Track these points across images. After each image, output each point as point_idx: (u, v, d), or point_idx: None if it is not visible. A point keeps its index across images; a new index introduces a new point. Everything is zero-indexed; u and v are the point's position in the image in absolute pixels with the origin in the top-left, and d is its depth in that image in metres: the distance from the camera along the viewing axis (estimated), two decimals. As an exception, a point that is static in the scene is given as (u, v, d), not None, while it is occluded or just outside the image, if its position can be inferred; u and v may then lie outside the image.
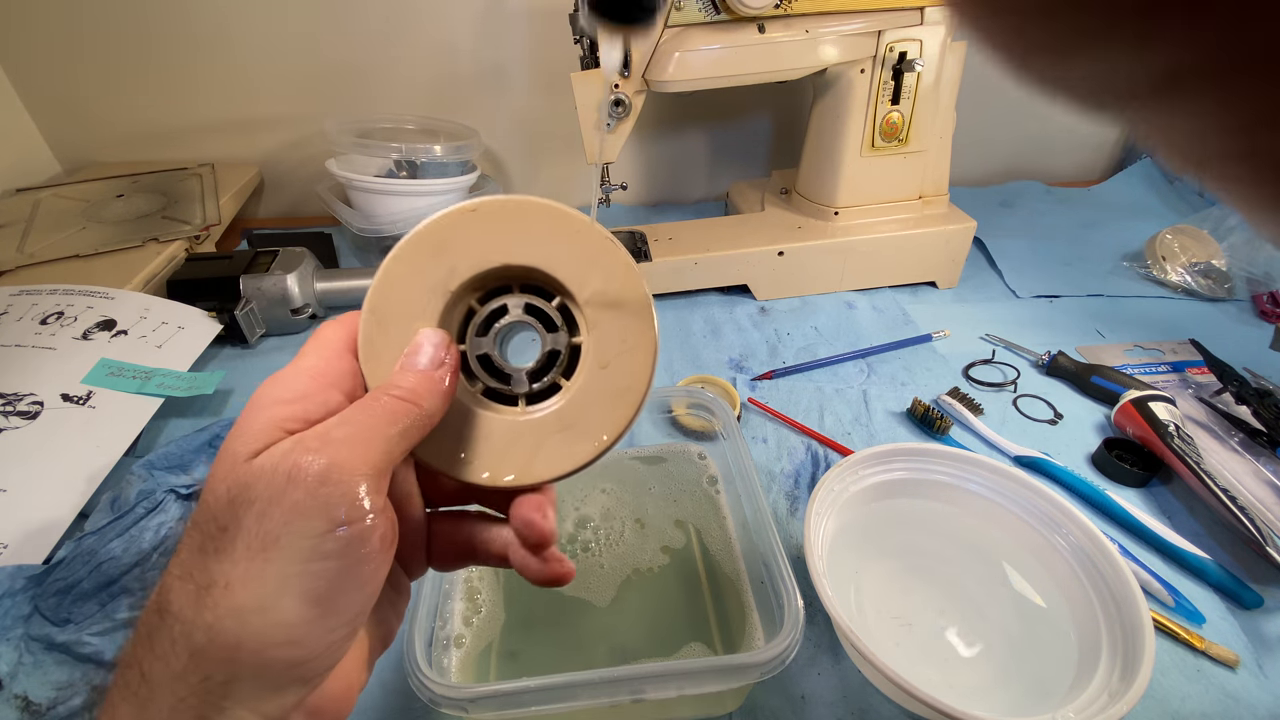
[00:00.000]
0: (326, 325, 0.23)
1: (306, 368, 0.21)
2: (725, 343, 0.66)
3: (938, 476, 0.44)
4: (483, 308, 0.24)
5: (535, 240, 0.23)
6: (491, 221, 0.23)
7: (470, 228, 0.23)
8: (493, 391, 0.24)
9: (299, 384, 0.21)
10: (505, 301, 0.24)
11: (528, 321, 0.24)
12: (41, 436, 0.49)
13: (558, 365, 0.24)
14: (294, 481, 0.18)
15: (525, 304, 0.24)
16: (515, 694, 0.29)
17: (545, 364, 0.24)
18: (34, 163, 0.86)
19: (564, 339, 0.24)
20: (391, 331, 0.23)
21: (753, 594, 0.39)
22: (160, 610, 0.18)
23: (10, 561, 0.41)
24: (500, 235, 0.23)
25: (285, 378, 0.21)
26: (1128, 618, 0.35)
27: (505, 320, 0.24)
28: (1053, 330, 0.67)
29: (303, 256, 0.67)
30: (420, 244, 0.23)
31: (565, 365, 0.24)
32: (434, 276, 0.23)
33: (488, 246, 0.23)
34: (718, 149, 0.94)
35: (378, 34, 0.81)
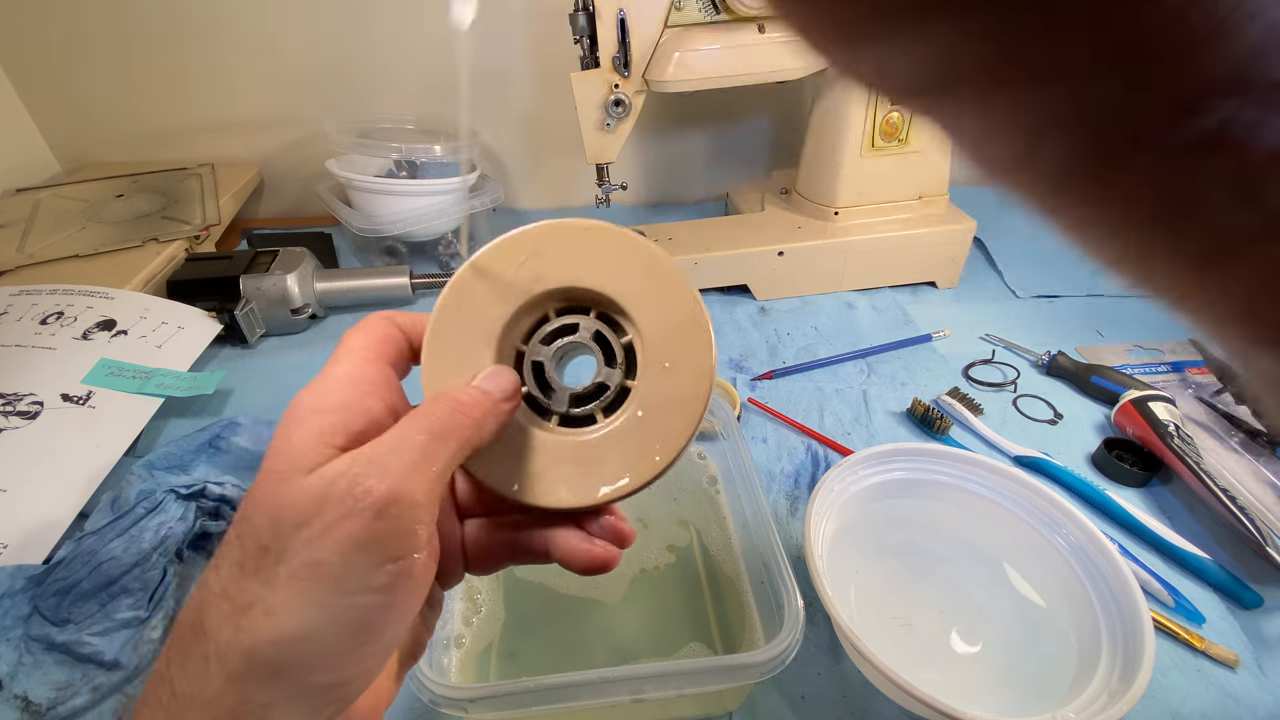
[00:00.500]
0: (351, 334, 0.22)
1: (342, 375, 0.21)
2: (725, 343, 0.66)
3: (938, 476, 0.44)
4: (556, 319, 0.24)
5: (629, 278, 0.24)
6: (596, 245, 0.24)
7: (574, 244, 0.24)
8: (530, 399, 0.24)
9: (338, 393, 0.20)
10: (579, 320, 0.24)
11: (590, 348, 0.24)
12: (41, 436, 0.49)
13: (601, 399, 0.24)
14: (350, 513, 0.17)
15: (596, 331, 0.24)
16: (515, 694, 0.29)
17: (591, 393, 0.24)
18: (34, 163, 0.86)
19: (617, 378, 0.24)
20: (467, 315, 0.23)
21: (753, 594, 0.39)
22: (195, 627, 0.17)
23: (10, 561, 0.42)
24: (599, 260, 0.24)
25: (322, 387, 0.20)
26: (1128, 618, 0.35)
27: (570, 339, 0.24)
28: (1053, 330, 0.67)
29: (303, 256, 0.67)
30: (523, 242, 0.24)
31: (609, 403, 0.24)
32: (523, 274, 0.24)
33: (583, 266, 0.24)
34: (718, 149, 0.94)
35: (378, 34, 0.81)
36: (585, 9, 0.57)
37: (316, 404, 0.19)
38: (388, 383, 0.22)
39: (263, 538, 0.17)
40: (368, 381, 0.21)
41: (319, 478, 0.18)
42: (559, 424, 0.24)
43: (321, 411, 0.19)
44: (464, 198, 0.77)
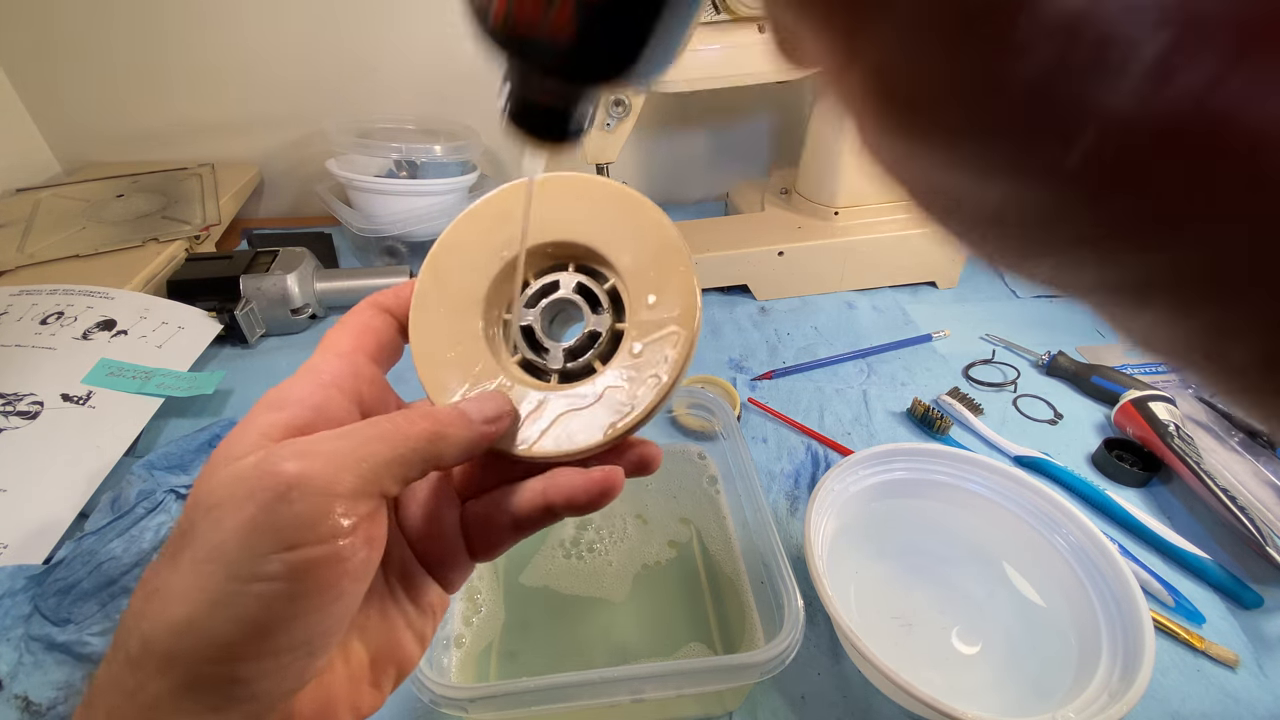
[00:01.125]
0: (331, 330, 0.22)
1: (306, 372, 0.20)
2: (725, 343, 0.66)
3: (938, 476, 0.44)
4: (536, 281, 0.24)
5: (596, 221, 0.23)
6: (559, 197, 0.23)
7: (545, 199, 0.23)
8: (528, 364, 0.24)
9: (295, 389, 0.19)
10: (558, 277, 0.24)
11: (574, 300, 0.24)
12: (41, 436, 0.49)
13: (596, 347, 0.24)
14: (252, 495, 0.16)
15: (577, 283, 0.24)
16: (515, 694, 0.29)
17: (585, 344, 0.24)
18: (34, 163, 0.86)
19: (607, 321, 0.24)
20: (446, 289, 0.23)
21: (753, 594, 0.39)
22: (124, 614, 0.17)
23: (10, 561, 0.41)
24: (565, 211, 0.23)
25: (285, 383, 0.20)
26: (1128, 618, 0.35)
27: (554, 296, 0.24)
28: (1053, 330, 0.67)
29: (303, 256, 0.67)
30: (487, 209, 0.24)
31: (605, 349, 0.24)
32: (496, 240, 0.24)
33: (550, 221, 0.23)
34: (718, 149, 0.94)
35: (378, 34, 0.81)
36: (585, 9, 0.57)
37: (269, 400, 0.19)
38: (358, 375, 0.21)
39: (183, 524, 0.17)
40: (332, 373, 0.20)
41: (240, 463, 0.17)
42: (560, 381, 0.24)
43: (270, 408, 0.19)
44: (464, 198, 0.77)
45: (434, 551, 0.23)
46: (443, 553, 0.23)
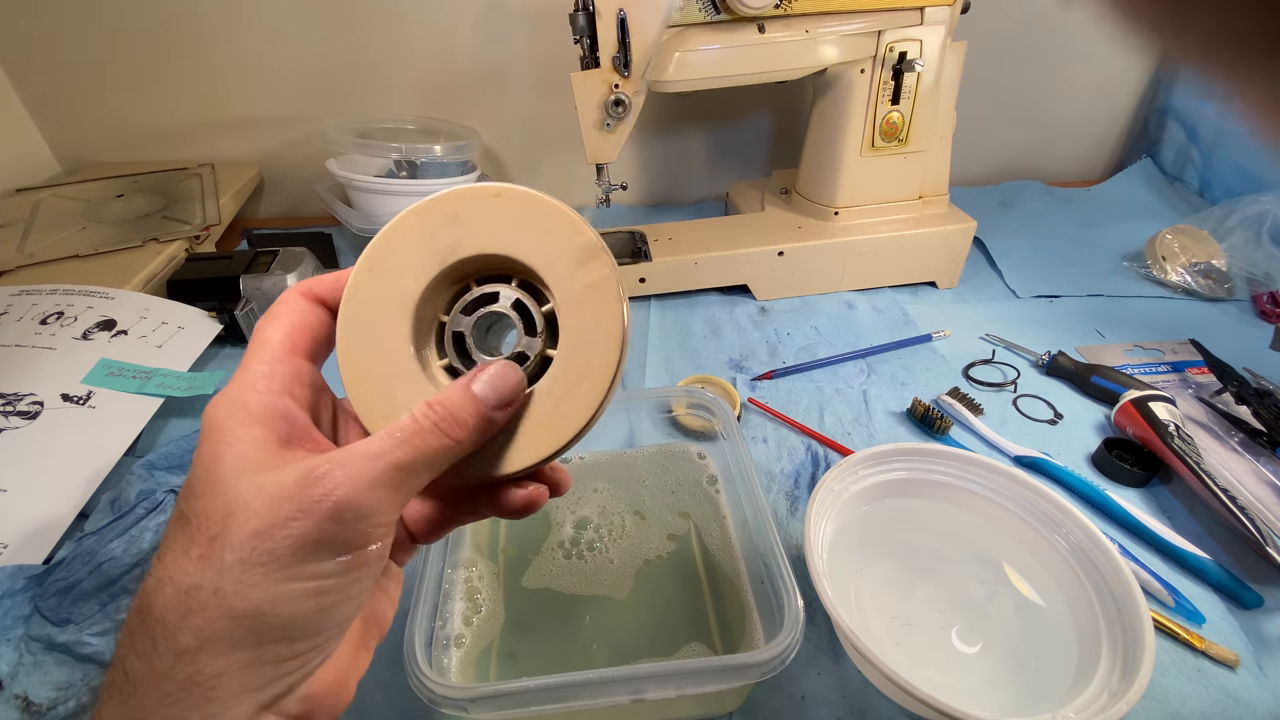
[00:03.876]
0: (264, 324, 0.23)
1: (257, 380, 0.21)
2: (725, 343, 0.66)
3: (938, 476, 0.44)
4: (477, 288, 0.24)
5: (543, 245, 0.23)
6: (510, 211, 0.23)
7: (489, 209, 0.23)
8: (453, 370, 0.24)
9: (256, 400, 0.21)
10: (500, 289, 0.24)
11: (510, 317, 0.24)
12: (41, 436, 0.49)
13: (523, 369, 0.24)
14: (304, 513, 0.18)
15: (516, 300, 0.24)
16: (515, 694, 0.29)
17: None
18: (34, 163, 0.86)
19: (538, 346, 0.24)
20: (383, 283, 0.23)
21: (753, 594, 0.39)
22: (141, 612, 0.19)
23: (10, 561, 0.41)
24: (514, 227, 0.23)
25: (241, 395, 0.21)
26: (1128, 618, 0.35)
27: (491, 308, 0.24)
28: (1053, 330, 0.67)
29: (303, 256, 0.67)
30: (436, 208, 0.23)
31: (532, 371, 0.24)
32: (439, 242, 0.23)
33: (499, 233, 0.23)
34: (718, 149, 0.94)
35: (378, 34, 0.81)
36: (585, 9, 0.57)
37: (235, 414, 0.20)
38: (299, 378, 0.22)
39: (213, 529, 0.18)
40: (280, 381, 0.21)
41: (276, 480, 0.19)
42: None
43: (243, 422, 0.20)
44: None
45: None
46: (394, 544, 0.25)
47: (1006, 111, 0.94)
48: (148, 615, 0.18)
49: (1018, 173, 0.98)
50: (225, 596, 0.18)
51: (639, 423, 0.51)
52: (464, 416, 0.21)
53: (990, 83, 0.89)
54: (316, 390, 0.23)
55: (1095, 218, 0.87)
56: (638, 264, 0.69)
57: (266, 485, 0.19)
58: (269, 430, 0.20)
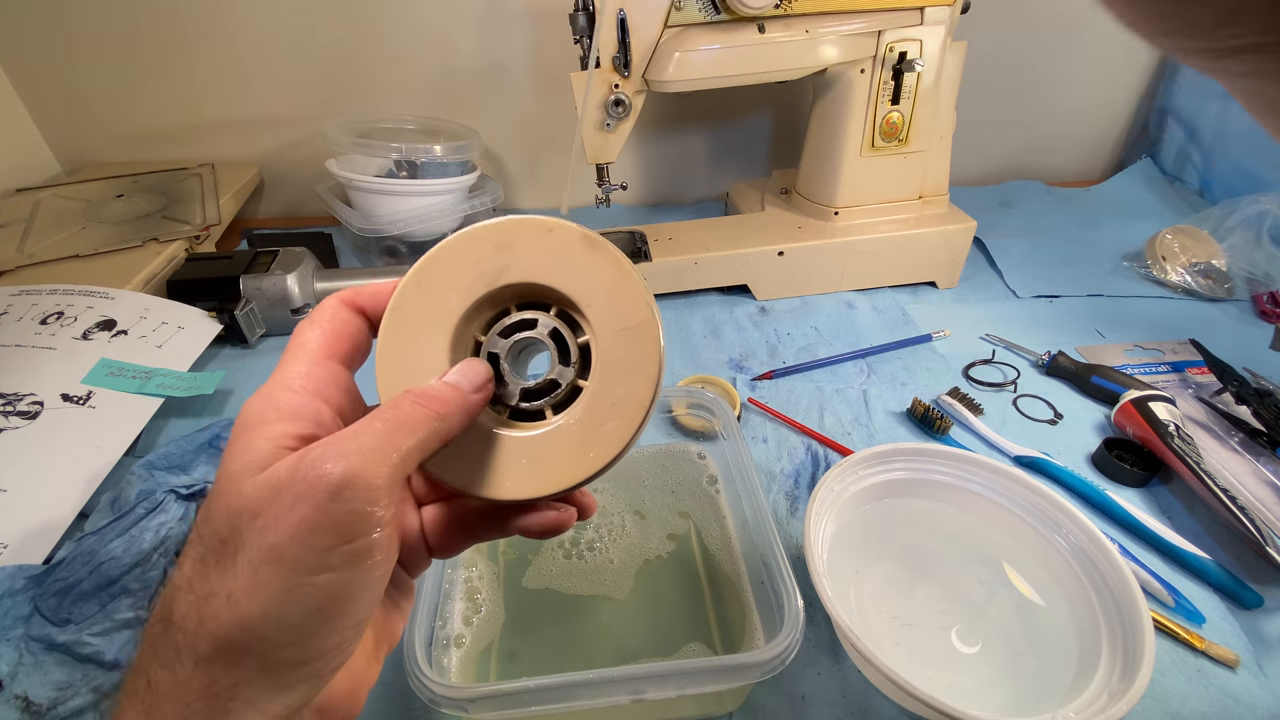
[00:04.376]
0: (303, 328, 0.23)
1: (293, 380, 0.21)
2: (725, 343, 0.66)
3: (938, 476, 0.44)
4: (516, 313, 0.25)
5: (590, 282, 0.24)
6: (560, 246, 0.24)
7: (540, 241, 0.24)
8: None
9: (288, 399, 0.21)
10: (538, 316, 0.25)
11: (546, 345, 0.24)
12: (41, 436, 0.49)
13: (551, 396, 0.24)
14: (302, 498, 0.18)
15: (553, 328, 0.24)
16: (515, 694, 0.29)
17: (542, 390, 0.24)
18: (34, 163, 0.86)
19: (569, 376, 0.24)
20: (429, 299, 0.24)
21: (753, 594, 0.39)
22: (164, 620, 0.18)
23: (10, 561, 0.41)
24: (562, 260, 0.24)
25: (271, 393, 0.21)
26: (1128, 618, 0.35)
27: (528, 334, 0.24)
28: (1053, 330, 0.67)
29: (303, 256, 0.67)
30: (489, 235, 0.24)
31: (559, 400, 0.24)
32: (488, 266, 0.24)
33: (547, 265, 0.24)
34: (718, 149, 0.94)
35: (378, 34, 0.81)
36: (585, 9, 0.57)
37: (266, 411, 0.20)
38: (335, 383, 0.22)
39: (221, 532, 0.18)
40: (316, 382, 0.21)
41: (271, 472, 0.18)
42: (509, 416, 0.25)
43: (271, 420, 0.20)
44: (464, 198, 0.77)
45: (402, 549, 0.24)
46: (408, 551, 0.24)
47: (1006, 111, 0.94)
48: (170, 624, 0.18)
49: (1018, 173, 0.98)
50: (238, 602, 0.18)
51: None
52: (444, 396, 0.22)
53: (990, 82, 0.89)
54: (351, 397, 0.23)
55: (1095, 218, 0.87)
56: (638, 264, 0.69)
57: (267, 479, 0.18)
58: (293, 429, 0.20)
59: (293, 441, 0.20)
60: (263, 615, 0.18)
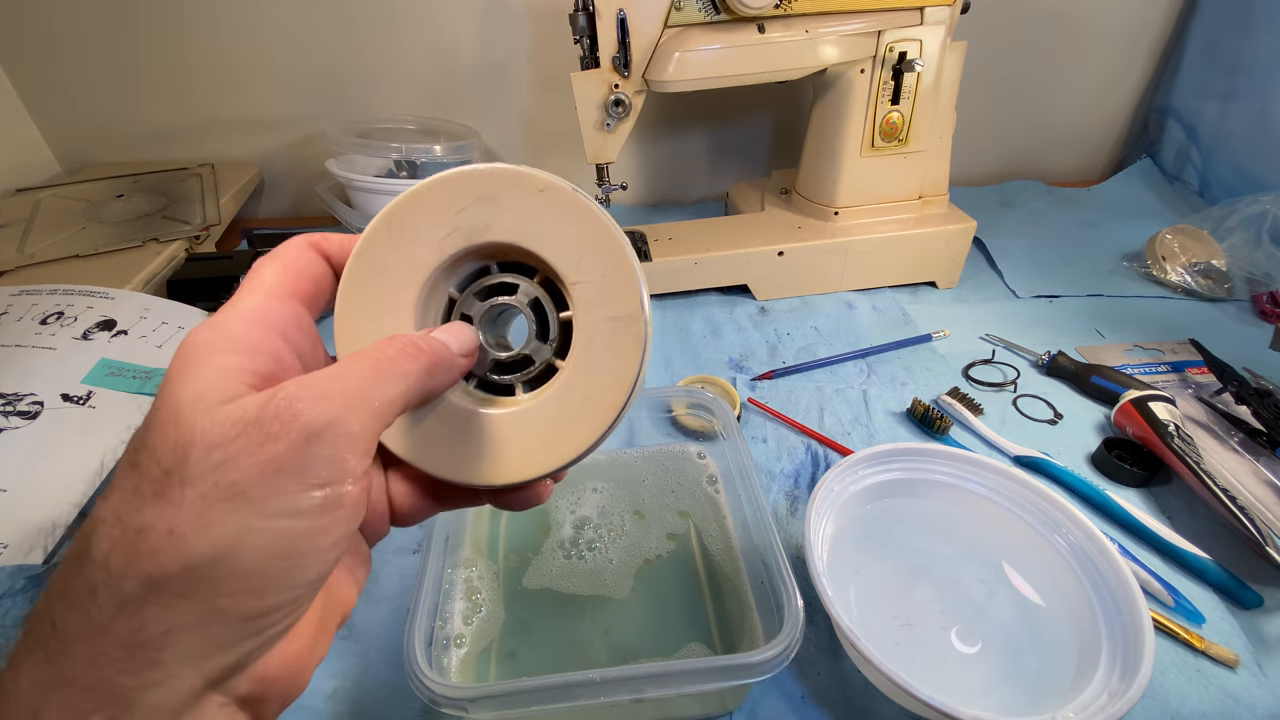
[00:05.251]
0: (262, 263, 0.21)
1: (246, 312, 0.19)
2: (725, 343, 0.66)
3: (938, 476, 0.44)
4: (497, 275, 0.23)
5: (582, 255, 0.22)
6: (553, 208, 0.22)
7: (530, 201, 0.22)
8: None
9: (244, 331, 0.19)
10: (519, 282, 0.23)
11: (524, 314, 0.23)
12: (41, 436, 0.49)
13: (524, 372, 0.23)
14: (273, 436, 0.16)
15: (534, 298, 0.23)
16: (515, 694, 0.29)
17: (516, 363, 0.23)
18: (34, 163, 0.86)
19: (546, 354, 0.23)
20: (399, 247, 0.22)
21: (753, 594, 0.39)
22: (79, 557, 0.16)
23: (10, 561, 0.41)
24: (553, 226, 0.22)
25: (223, 322, 0.19)
26: (1128, 618, 0.35)
27: (506, 299, 0.23)
28: (1053, 330, 0.67)
29: (303, 256, 0.67)
30: (471, 183, 0.22)
31: (533, 378, 0.23)
32: (469, 219, 0.22)
33: (535, 228, 0.22)
34: (718, 149, 0.94)
35: (378, 34, 0.81)
36: (585, 9, 0.57)
37: (216, 341, 0.18)
38: (296, 322, 0.20)
39: (165, 463, 0.16)
40: (273, 318, 0.19)
41: (238, 406, 0.17)
42: (475, 386, 0.23)
43: (223, 350, 0.18)
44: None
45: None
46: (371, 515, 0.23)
47: (1006, 111, 0.94)
48: (87, 561, 0.16)
49: (1018, 173, 0.98)
50: (181, 538, 0.15)
51: (639, 422, 0.51)
52: (438, 352, 0.20)
53: (990, 83, 0.89)
54: (311, 340, 0.21)
55: (1095, 218, 0.87)
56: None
57: (229, 412, 0.16)
58: (249, 362, 0.18)
59: (250, 377, 0.18)
60: (211, 556, 0.15)
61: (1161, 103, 0.93)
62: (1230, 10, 0.82)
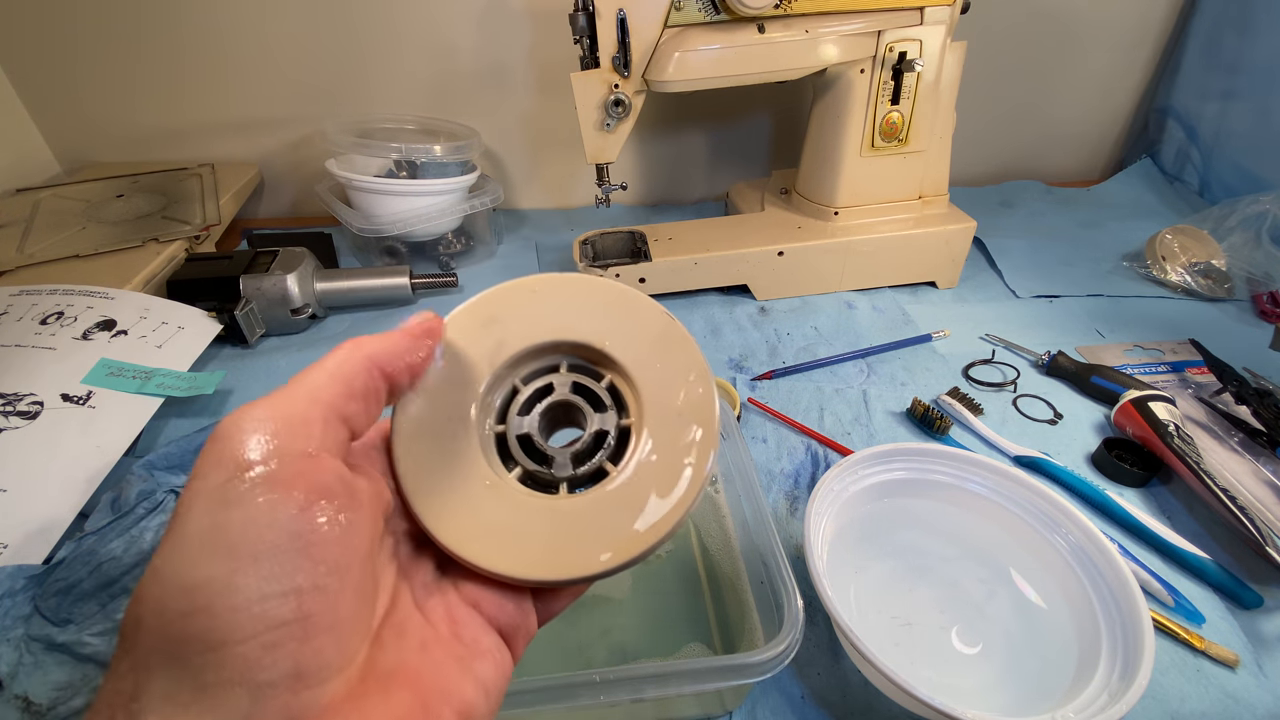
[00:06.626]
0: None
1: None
2: (725, 343, 0.66)
3: (938, 476, 0.44)
4: (526, 386, 0.23)
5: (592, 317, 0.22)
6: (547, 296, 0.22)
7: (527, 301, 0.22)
8: (532, 477, 0.22)
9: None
10: (550, 380, 0.23)
11: (574, 401, 0.23)
12: (41, 436, 0.49)
13: (605, 448, 0.22)
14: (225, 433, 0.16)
15: (573, 383, 0.23)
16: (515, 694, 0.29)
17: (592, 446, 0.22)
18: (34, 163, 0.86)
19: (613, 420, 0.22)
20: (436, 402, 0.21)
21: (753, 593, 0.39)
22: None
23: (10, 561, 0.41)
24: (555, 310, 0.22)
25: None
26: (1128, 618, 0.35)
27: (551, 399, 0.22)
28: (1053, 330, 0.67)
29: (303, 256, 0.67)
30: (472, 314, 0.22)
31: (614, 450, 0.22)
32: (484, 346, 0.22)
33: (540, 321, 0.22)
34: (718, 149, 0.94)
35: (378, 34, 0.81)
36: (585, 9, 0.57)
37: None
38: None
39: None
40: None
41: None
42: (569, 490, 0.22)
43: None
44: (464, 198, 0.77)
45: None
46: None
47: (1006, 111, 0.94)
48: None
49: (1018, 173, 0.98)
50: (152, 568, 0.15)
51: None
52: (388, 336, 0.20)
53: (990, 83, 0.89)
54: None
55: (1095, 218, 0.87)
56: (638, 264, 0.69)
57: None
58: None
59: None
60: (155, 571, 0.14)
61: (1161, 103, 0.93)
62: (1230, 10, 0.82)
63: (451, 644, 0.19)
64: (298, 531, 0.15)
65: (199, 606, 0.14)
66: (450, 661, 0.19)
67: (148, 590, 0.14)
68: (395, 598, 0.19)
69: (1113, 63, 0.92)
